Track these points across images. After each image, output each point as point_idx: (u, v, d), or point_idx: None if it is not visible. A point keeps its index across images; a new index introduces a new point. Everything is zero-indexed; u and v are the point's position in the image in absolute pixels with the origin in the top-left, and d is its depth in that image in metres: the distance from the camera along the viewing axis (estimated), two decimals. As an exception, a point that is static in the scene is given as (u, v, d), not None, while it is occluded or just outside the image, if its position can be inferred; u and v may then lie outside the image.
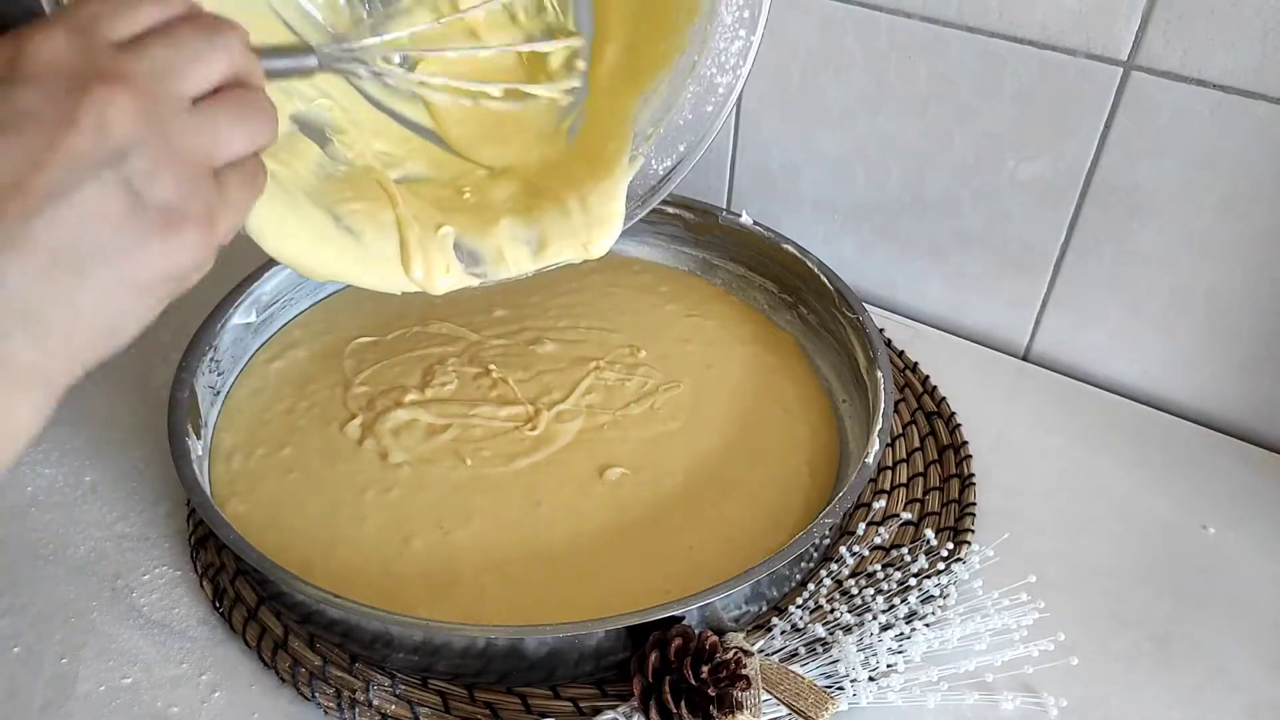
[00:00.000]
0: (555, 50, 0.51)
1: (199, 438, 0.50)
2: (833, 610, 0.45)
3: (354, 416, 0.54)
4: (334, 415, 0.54)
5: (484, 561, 0.47)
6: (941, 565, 0.46)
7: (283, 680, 0.43)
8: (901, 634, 0.43)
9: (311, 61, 0.35)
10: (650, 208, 0.51)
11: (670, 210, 0.64)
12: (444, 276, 0.47)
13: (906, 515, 0.50)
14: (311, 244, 0.44)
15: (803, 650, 0.43)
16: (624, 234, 0.66)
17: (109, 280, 0.27)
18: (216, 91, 0.29)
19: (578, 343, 0.60)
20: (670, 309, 0.63)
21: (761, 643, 0.43)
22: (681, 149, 0.51)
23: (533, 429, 0.53)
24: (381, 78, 0.46)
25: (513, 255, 0.49)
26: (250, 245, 0.64)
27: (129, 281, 0.27)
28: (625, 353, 0.59)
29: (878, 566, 0.47)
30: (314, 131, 0.48)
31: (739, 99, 0.65)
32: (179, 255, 0.28)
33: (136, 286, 0.27)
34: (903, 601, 0.45)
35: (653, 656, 0.39)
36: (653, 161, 0.51)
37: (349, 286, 0.63)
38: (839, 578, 0.47)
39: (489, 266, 0.49)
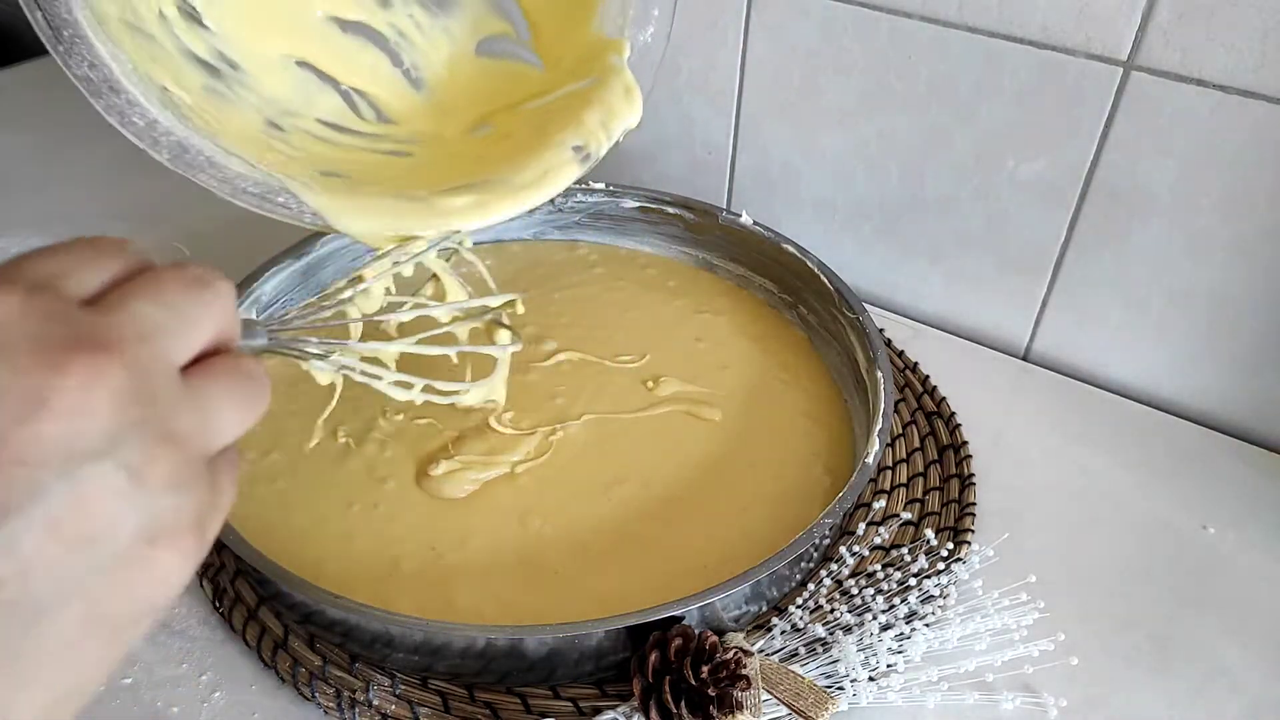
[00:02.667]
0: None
1: (199, 438, 0.50)
2: (833, 610, 0.45)
3: (341, 423, 0.52)
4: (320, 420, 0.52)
5: (482, 590, 0.44)
6: (941, 565, 0.46)
7: (283, 680, 0.43)
8: (901, 634, 0.43)
9: (260, 341, 0.32)
10: (654, 79, 0.49)
11: (670, 210, 0.64)
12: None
13: (906, 515, 0.50)
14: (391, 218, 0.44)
15: (803, 650, 0.43)
16: (624, 233, 0.67)
17: (73, 622, 0.20)
18: (201, 359, 0.23)
19: (582, 340, 0.58)
20: (679, 304, 0.62)
21: (761, 643, 0.43)
22: (655, 13, 0.49)
23: (530, 432, 0.52)
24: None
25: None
26: (248, 247, 0.64)
27: (101, 621, 0.20)
28: (634, 353, 0.57)
29: (878, 566, 0.47)
30: None
31: (739, 96, 0.66)
32: (169, 576, 0.21)
33: (109, 626, 0.20)
34: (903, 601, 0.45)
35: (653, 656, 0.39)
36: (637, 35, 0.49)
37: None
38: (839, 578, 0.47)
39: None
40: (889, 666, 0.42)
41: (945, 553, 0.47)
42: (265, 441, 0.52)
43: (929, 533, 0.48)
